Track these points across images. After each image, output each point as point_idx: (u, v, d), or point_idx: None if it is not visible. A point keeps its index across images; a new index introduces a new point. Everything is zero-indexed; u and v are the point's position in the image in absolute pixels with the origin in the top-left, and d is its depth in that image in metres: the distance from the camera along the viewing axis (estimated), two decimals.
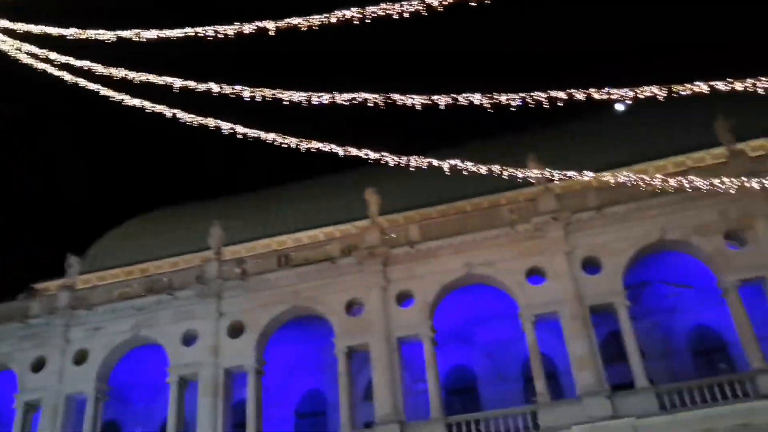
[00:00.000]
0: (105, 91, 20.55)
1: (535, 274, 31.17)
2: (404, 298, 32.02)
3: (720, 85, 21.24)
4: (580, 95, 21.66)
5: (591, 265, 30.74)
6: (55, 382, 33.81)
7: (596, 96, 21.73)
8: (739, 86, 21.28)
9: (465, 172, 25.49)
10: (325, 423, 35.21)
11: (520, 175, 24.63)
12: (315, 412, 36.15)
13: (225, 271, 33.97)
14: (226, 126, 22.85)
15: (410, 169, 23.51)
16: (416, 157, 24.18)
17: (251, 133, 23.25)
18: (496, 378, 34.53)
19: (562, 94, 21.91)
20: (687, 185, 25.50)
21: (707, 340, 33.03)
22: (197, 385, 32.52)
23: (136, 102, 20.91)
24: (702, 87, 21.44)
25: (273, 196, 43.12)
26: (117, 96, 20.61)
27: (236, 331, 32.98)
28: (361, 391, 33.91)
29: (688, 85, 21.07)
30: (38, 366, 34.63)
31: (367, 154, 23.54)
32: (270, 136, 23.55)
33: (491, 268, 31.52)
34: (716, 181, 25.63)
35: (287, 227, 39.22)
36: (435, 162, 24.52)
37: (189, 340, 33.41)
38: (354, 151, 23.75)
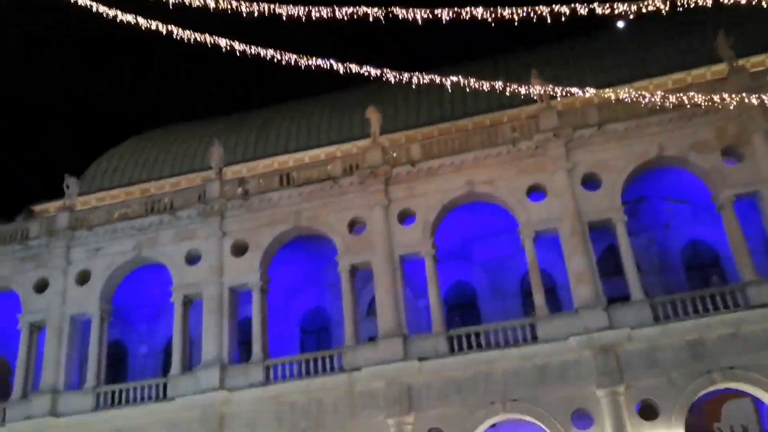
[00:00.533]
0: (98, 7, 20.21)
1: (535, 191, 31.53)
2: (406, 217, 32.43)
3: None
4: (583, 10, 21.54)
5: (590, 182, 31.09)
6: (58, 303, 34.28)
7: (599, 11, 21.69)
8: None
9: (467, 90, 25.67)
10: (329, 338, 36.21)
11: (522, 91, 24.76)
12: (319, 329, 37.12)
13: (227, 190, 34.14)
14: (223, 42, 22.65)
15: (412, 86, 23.59)
16: (418, 74, 24.17)
17: (250, 49, 23.08)
18: (496, 293, 35.39)
19: (565, 9, 21.81)
20: (687, 101, 25.80)
21: (701, 255, 33.83)
22: (201, 305, 33.16)
23: (129, 18, 20.61)
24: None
25: (274, 115, 42.86)
26: (110, 12, 20.29)
27: (239, 250, 33.42)
28: (364, 308, 34.75)
29: None
30: (41, 287, 35.02)
31: (368, 72, 23.49)
32: (269, 53, 23.38)
33: (492, 185, 31.83)
34: (716, 98, 25.93)
35: (289, 146, 39.21)
36: (437, 79, 24.53)
37: (192, 259, 33.85)
38: (355, 68, 23.67)
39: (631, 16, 21.65)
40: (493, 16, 21.46)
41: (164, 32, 21.14)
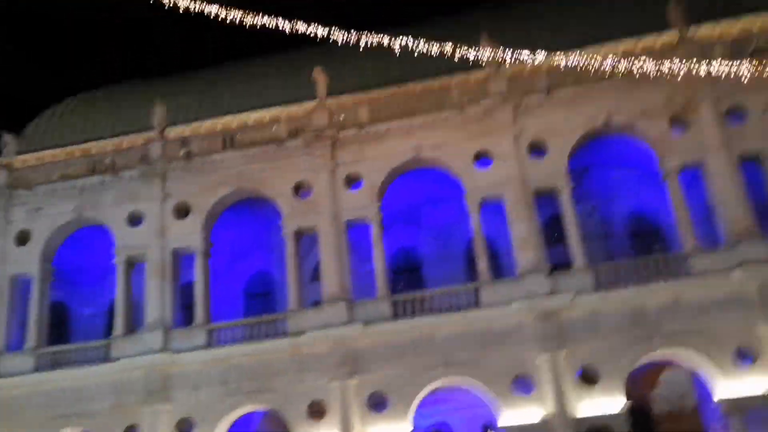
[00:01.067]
0: None
1: (482, 157, 31.28)
2: (352, 181, 31.95)
3: None
4: None
5: (537, 149, 30.97)
6: None
7: None
8: None
9: (416, 52, 25.06)
10: (274, 302, 35.85)
11: (471, 55, 24.28)
12: (263, 292, 36.74)
13: (169, 151, 33.18)
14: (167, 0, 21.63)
15: (360, 48, 22.88)
16: (366, 34, 23.49)
17: (194, 6, 22.10)
18: (441, 259, 35.39)
19: None
20: (636, 69, 25.60)
21: (644, 224, 34.27)
22: (144, 267, 32.46)
23: None
24: None
25: (218, 75, 41.45)
26: None
27: (182, 212, 32.62)
28: (308, 272, 34.35)
29: None
30: None
31: (315, 31, 22.75)
32: (213, 10, 22.44)
33: (439, 151, 31.49)
34: (665, 65, 25.80)
35: (233, 107, 37.93)
36: (386, 40, 23.88)
37: (134, 221, 32.97)
38: (302, 28, 22.90)
39: None
40: None
41: None
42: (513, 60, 25.40)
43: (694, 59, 26.53)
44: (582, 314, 27.78)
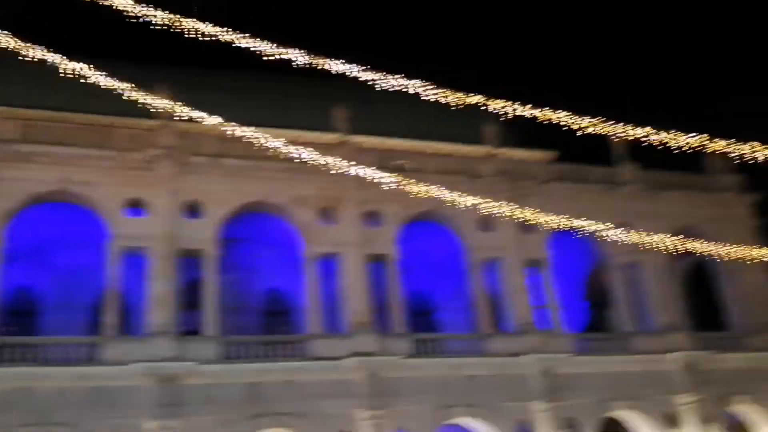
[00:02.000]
0: None
1: (135, 206, 29.80)
2: None
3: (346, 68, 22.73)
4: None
5: (193, 210, 30.57)
6: None
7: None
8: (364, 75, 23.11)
9: (86, 81, 22.90)
10: None
11: (144, 99, 23.15)
12: None
13: None
14: None
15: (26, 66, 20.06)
16: (39, 49, 20.86)
17: None
18: (65, 306, 32.20)
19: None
20: (297, 156, 27.04)
21: (278, 303, 35.60)
22: None
23: None
24: (335, 65, 22.74)
25: None
26: None
27: None
28: None
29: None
30: None
31: None
32: None
33: (91, 188, 29.22)
34: (323, 160, 27.73)
35: None
36: (55, 58, 21.48)
37: None
38: None
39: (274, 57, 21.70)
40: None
41: None
42: (186, 119, 24.91)
43: (348, 161, 29.17)
44: (203, 383, 27.20)
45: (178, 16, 19.94)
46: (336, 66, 22.20)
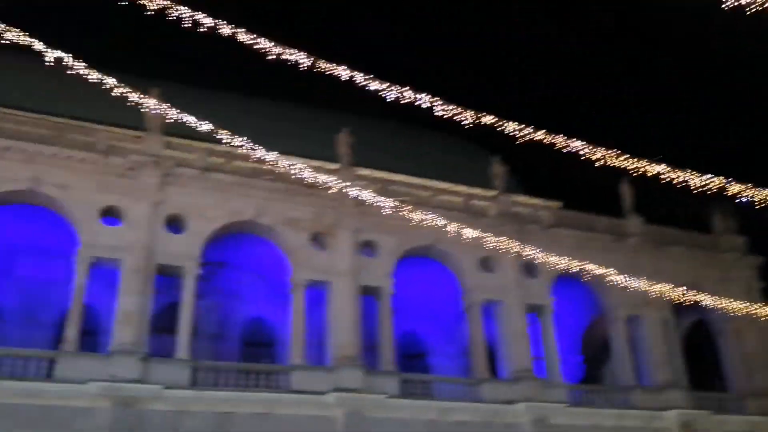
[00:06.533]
0: None
1: (111, 215, 27.62)
2: None
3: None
4: None
5: (175, 224, 28.46)
6: None
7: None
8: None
9: (71, 72, 21.11)
10: None
11: (134, 97, 21.35)
12: None
13: None
14: None
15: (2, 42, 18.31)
16: (16, 30, 19.19)
17: None
18: (28, 320, 29.63)
19: None
20: (296, 171, 25.14)
21: (260, 333, 33.22)
22: None
23: None
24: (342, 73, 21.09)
25: None
26: None
27: None
28: None
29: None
30: None
31: None
32: None
33: (63, 192, 27.00)
34: (328, 179, 25.88)
35: None
36: (39, 45, 19.77)
37: None
38: None
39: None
40: None
41: None
42: (174, 125, 23.12)
43: (348, 184, 27.32)
44: (169, 410, 24.60)
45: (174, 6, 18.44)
46: (340, 71, 20.58)
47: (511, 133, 20.66)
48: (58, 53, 19.32)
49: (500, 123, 20.54)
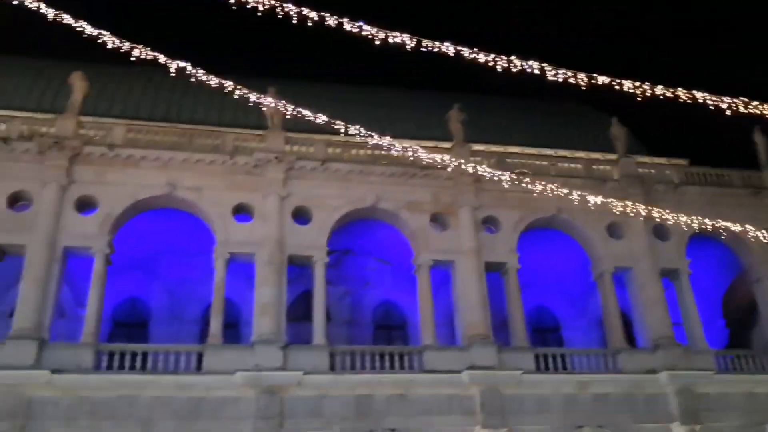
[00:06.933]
0: None
1: (242, 212, 28.95)
2: (86, 205, 27.57)
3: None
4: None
5: (301, 215, 29.36)
6: None
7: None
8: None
9: (194, 80, 22.24)
10: None
11: (253, 97, 22.26)
12: None
13: None
14: None
15: (139, 78, 19.52)
16: (142, 48, 20.43)
17: None
18: (174, 318, 31.80)
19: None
20: (413, 154, 25.38)
21: (390, 316, 33.77)
22: None
23: None
24: (449, 49, 20.95)
25: None
26: None
27: None
28: (9, 306, 28.52)
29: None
30: None
31: (82, 27, 19.32)
32: None
33: (197, 194, 28.55)
34: (437, 158, 25.93)
35: None
36: (162, 58, 20.96)
37: None
38: (68, 19, 19.36)
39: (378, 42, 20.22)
40: None
41: None
42: (293, 121, 23.93)
43: (463, 161, 27.21)
44: (309, 395, 25.47)
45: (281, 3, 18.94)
46: (446, 49, 20.43)
47: (629, 92, 19.88)
48: (180, 63, 20.48)
49: (616, 82, 19.80)
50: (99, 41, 19.41)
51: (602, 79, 19.83)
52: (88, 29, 19.00)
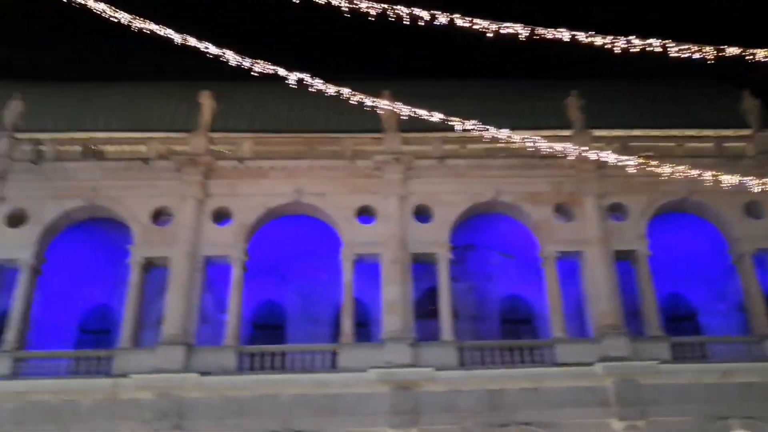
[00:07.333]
0: None
1: (365, 214, 29.79)
2: (222, 216, 29.37)
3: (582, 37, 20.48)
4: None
5: (422, 213, 29.85)
6: None
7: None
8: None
9: (312, 89, 23.08)
10: (112, 343, 31.59)
11: (369, 102, 22.86)
12: (101, 330, 32.46)
13: (16, 150, 29.37)
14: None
15: (254, 95, 20.55)
16: (262, 63, 21.51)
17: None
18: (308, 319, 32.94)
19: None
20: (532, 144, 25.13)
21: (517, 310, 33.44)
22: None
23: None
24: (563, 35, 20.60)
25: (96, 91, 38.27)
26: None
27: (16, 220, 28.52)
28: (157, 315, 30.68)
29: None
30: None
31: (207, 47, 20.60)
32: (100, 6, 19.99)
33: (322, 199, 29.70)
34: (558, 147, 25.51)
35: (104, 126, 34.80)
36: (281, 71, 21.96)
37: None
38: (193, 41, 20.72)
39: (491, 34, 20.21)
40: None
41: None
42: (409, 121, 24.32)
43: (585, 148, 26.58)
44: (441, 390, 25.86)
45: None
46: (561, 35, 20.12)
47: (761, 61, 18.81)
48: (299, 74, 21.35)
49: (746, 53, 18.78)
50: (222, 60, 20.57)
51: (731, 51, 18.88)
52: (212, 49, 20.23)
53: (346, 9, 19.25)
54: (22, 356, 26.28)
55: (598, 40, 19.06)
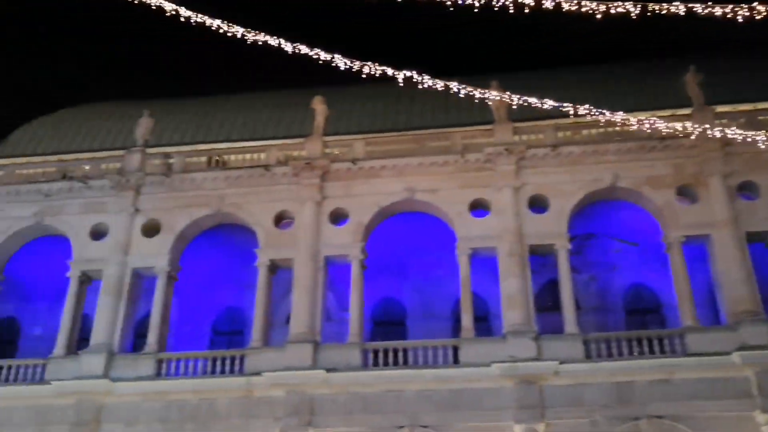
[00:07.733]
0: None
1: (478, 207, 29.68)
2: (339, 217, 30.17)
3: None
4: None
5: (537, 204, 29.39)
6: None
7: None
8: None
9: (420, 86, 23.25)
10: (243, 343, 33.16)
11: (478, 94, 22.77)
12: (233, 331, 34.16)
13: (148, 164, 31.42)
14: (169, 6, 20.35)
15: (364, 96, 21.01)
16: (370, 64, 21.93)
17: (196, 17, 20.77)
18: (426, 314, 33.17)
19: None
20: (647, 128, 24.15)
21: (643, 300, 32.18)
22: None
23: None
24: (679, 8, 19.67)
25: (215, 104, 40.32)
26: None
27: (151, 230, 30.54)
28: (283, 315, 31.98)
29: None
30: None
31: (317, 54, 21.25)
32: (215, 23, 21.08)
33: (434, 195, 29.84)
34: (677, 126, 24.38)
35: (223, 135, 36.66)
36: (389, 71, 22.29)
37: (98, 234, 30.80)
38: (304, 49, 21.44)
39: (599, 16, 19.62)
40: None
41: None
42: (519, 110, 23.97)
43: (708, 126, 25.22)
44: (567, 384, 25.38)
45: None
46: (676, 9, 19.23)
47: None
48: (407, 73, 21.60)
49: None
50: (332, 64, 21.13)
51: None
52: (323, 55, 20.83)
53: (450, 3, 19.26)
54: (163, 357, 28.07)
55: (718, 11, 18.09)
